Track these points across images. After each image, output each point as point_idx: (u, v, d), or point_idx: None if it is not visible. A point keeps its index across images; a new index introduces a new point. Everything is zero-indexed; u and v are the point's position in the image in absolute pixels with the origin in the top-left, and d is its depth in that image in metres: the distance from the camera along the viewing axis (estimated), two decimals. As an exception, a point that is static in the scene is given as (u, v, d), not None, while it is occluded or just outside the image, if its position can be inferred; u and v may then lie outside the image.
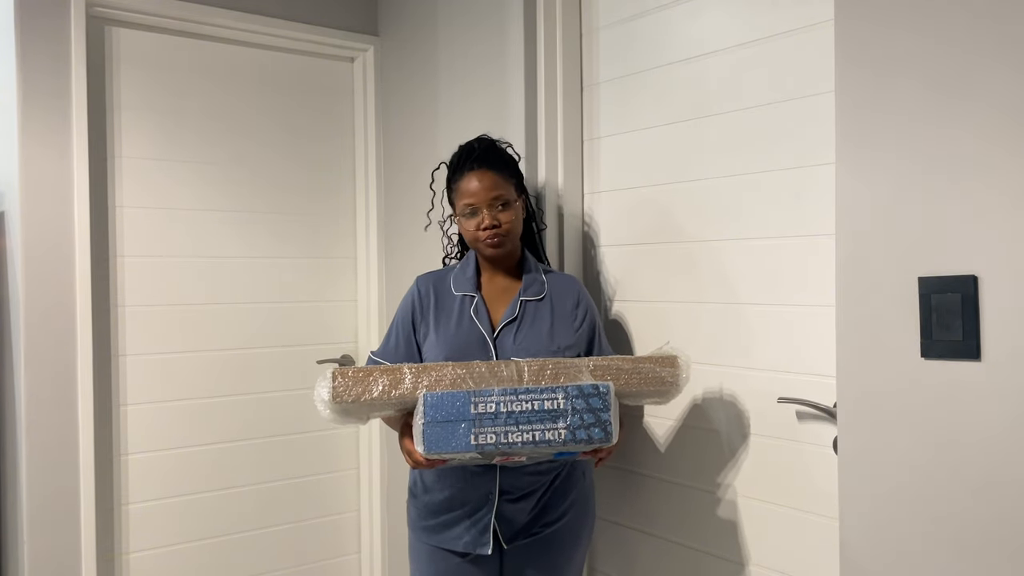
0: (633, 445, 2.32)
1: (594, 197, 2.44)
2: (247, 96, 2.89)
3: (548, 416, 1.68)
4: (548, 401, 1.69)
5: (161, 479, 2.71)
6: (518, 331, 1.97)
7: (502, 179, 2.01)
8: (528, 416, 1.68)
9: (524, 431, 1.68)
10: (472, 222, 1.99)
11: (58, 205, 2.46)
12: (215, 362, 2.81)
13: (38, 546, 2.42)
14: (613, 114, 2.38)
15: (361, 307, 3.12)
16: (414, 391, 1.72)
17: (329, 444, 3.04)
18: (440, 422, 1.68)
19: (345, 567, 3.09)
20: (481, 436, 1.67)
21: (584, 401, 1.69)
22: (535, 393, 1.69)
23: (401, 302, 2.10)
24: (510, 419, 1.68)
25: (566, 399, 1.69)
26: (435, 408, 1.68)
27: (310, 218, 3.02)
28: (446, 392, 1.70)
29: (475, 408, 1.68)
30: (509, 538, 1.97)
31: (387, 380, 1.72)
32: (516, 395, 1.69)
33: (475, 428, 1.68)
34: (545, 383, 1.72)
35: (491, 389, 1.69)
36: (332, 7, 3.00)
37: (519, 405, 1.68)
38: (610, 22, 2.38)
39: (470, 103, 2.63)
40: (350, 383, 1.73)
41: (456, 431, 1.68)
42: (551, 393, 1.69)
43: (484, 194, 1.98)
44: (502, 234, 1.98)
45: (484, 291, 2.04)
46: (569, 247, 2.43)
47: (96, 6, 2.56)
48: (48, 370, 2.44)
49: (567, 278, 2.11)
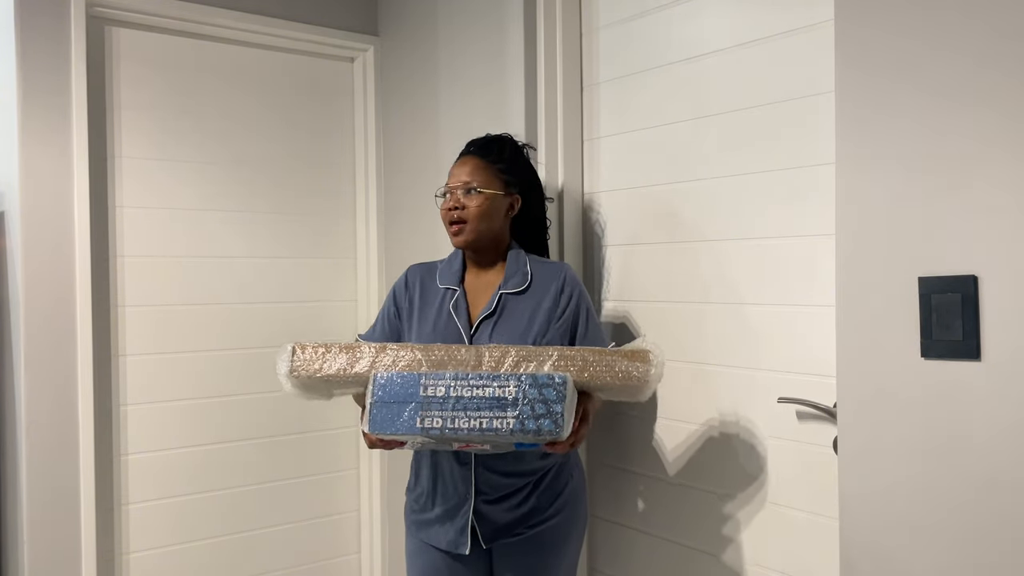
0: (633, 444, 2.32)
1: (594, 197, 2.44)
2: (247, 96, 2.89)
3: (497, 404, 1.63)
4: (500, 389, 1.63)
5: (161, 479, 2.71)
6: (496, 326, 1.94)
7: (486, 168, 2.00)
8: (477, 403, 1.63)
9: (472, 417, 1.63)
10: (443, 205, 2.01)
11: (58, 205, 2.46)
12: (215, 362, 2.81)
13: (38, 546, 2.42)
14: (613, 114, 2.38)
15: (361, 307, 3.12)
16: (371, 370, 1.70)
17: (329, 444, 3.04)
18: (387, 402, 1.65)
19: (345, 567, 3.09)
20: (427, 420, 1.63)
21: (537, 391, 1.63)
22: (487, 380, 1.64)
23: (389, 292, 2.11)
24: (458, 404, 1.63)
25: (518, 387, 1.63)
26: (383, 388, 1.66)
27: (310, 218, 3.02)
28: (397, 373, 1.67)
29: (424, 391, 1.65)
30: (489, 538, 1.94)
31: (345, 358, 1.72)
32: (467, 380, 1.64)
33: (422, 411, 1.64)
34: (505, 370, 1.67)
35: (443, 372, 1.66)
36: (332, 7, 3.00)
37: (469, 391, 1.64)
38: (610, 22, 2.38)
39: (470, 103, 2.63)
40: (308, 358, 1.73)
41: (402, 412, 1.64)
42: (503, 381, 1.64)
43: (457, 177, 2.00)
44: (465, 219, 1.96)
45: (468, 285, 2.03)
46: (569, 247, 2.43)
47: (96, 6, 2.56)
48: (48, 370, 2.44)
49: (555, 265, 2.04)
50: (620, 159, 2.36)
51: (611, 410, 2.35)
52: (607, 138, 2.40)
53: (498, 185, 2.01)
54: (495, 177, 2.01)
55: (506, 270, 2.01)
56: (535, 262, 2.04)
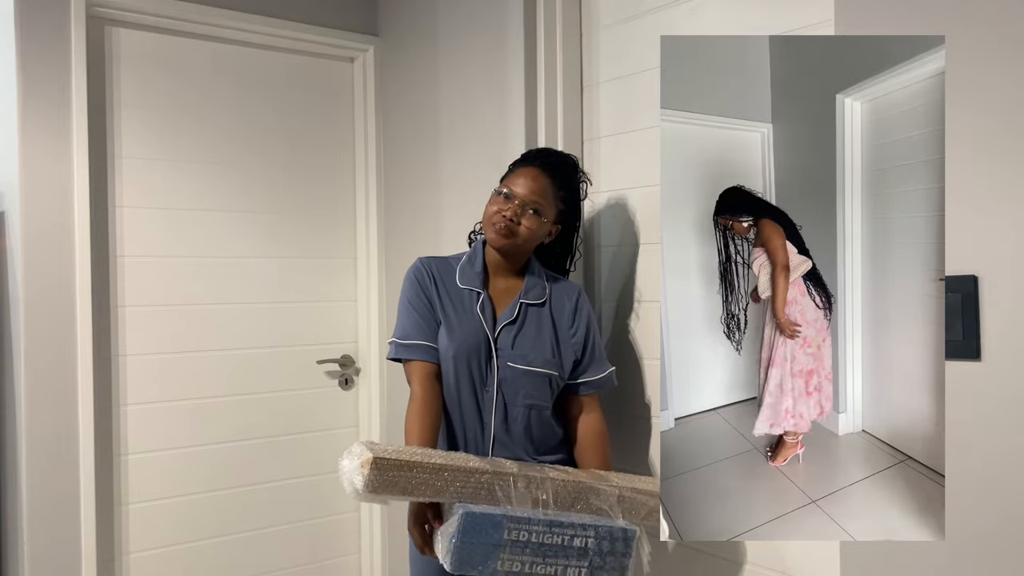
0: (637, 447, 2.32)
1: (594, 197, 2.44)
2: (247, 96, 2.89)
3: (575, 553, 1.68)
4: (579, 539, 1.68)
5: (161, 479, 2.71)
6: (518, 335, 1.96)
7: (553, 192, 1.97)
8: (556, 550, 1.67)
9: (550, 564, 1.67)
10: (498, 202, 1.95)
11: (58, 205, 2.46)
12: (215, 362, 2.81)
13: (38, 546, 2.42)
14: (613, 114, 2.38)
15: (361, 307, 3.11)
16: (456, 497, 1.65)
17: (329, 444, 3.04)
18: (472, 542, 1.63)
19: (345, 567, 3.09)
20: (508, 563, 1.65)
21: (611, 544, 1.70)
22: (568, 528, 1.68)
23: (409, 281, 2.01)
24: (539, 551, 1.66)
25: (595, 540, 1.69)
26: (472, 530, 1.62)
27: (310, 218, 3.02)
28: (485, 512, 1.63)
29: (508, 534, 1.64)
30: None
31: (425, 483, 1.60)
32: (551, 527, 1.66)
33: (503, 554, 1.64)
34: (577, 508, 1.70)
35: (528, 515, 1.65)
36: (332, 7, 3.00)
37: (551, 538, 1.66)
38: (610, 22, 2.38)
39: (470, 102, 2.63)
40: (387, 480, 1.58)
41: (487, 553, 1.64)
42: (583, 531, 1.68)
43: (527, 191, 1.94)
44: (514, 232, 1.93)
45: (490, 289, 2.01)
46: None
47: (96, 6, 2.56)
48: (48, 370, 2.44)
49: (569, 285, 2.08)
50: (620, 159, 2.36)
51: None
52: (607, 138, 2.40)
53: (553, 214, 1.99)
54: (553, 205, 1.99)
55: (526, 281, 2.02)
56: (551, 277, 2.07)
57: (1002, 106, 1.36)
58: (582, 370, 2.00)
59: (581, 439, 1.99)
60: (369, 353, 3.08)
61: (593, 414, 2.01)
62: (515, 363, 1.93)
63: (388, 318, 3.02)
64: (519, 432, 1.93)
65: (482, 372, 1.93)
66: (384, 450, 1.60)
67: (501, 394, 1.93)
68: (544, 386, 1.95)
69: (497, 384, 1.93)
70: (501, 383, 1.93)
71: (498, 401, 1.93)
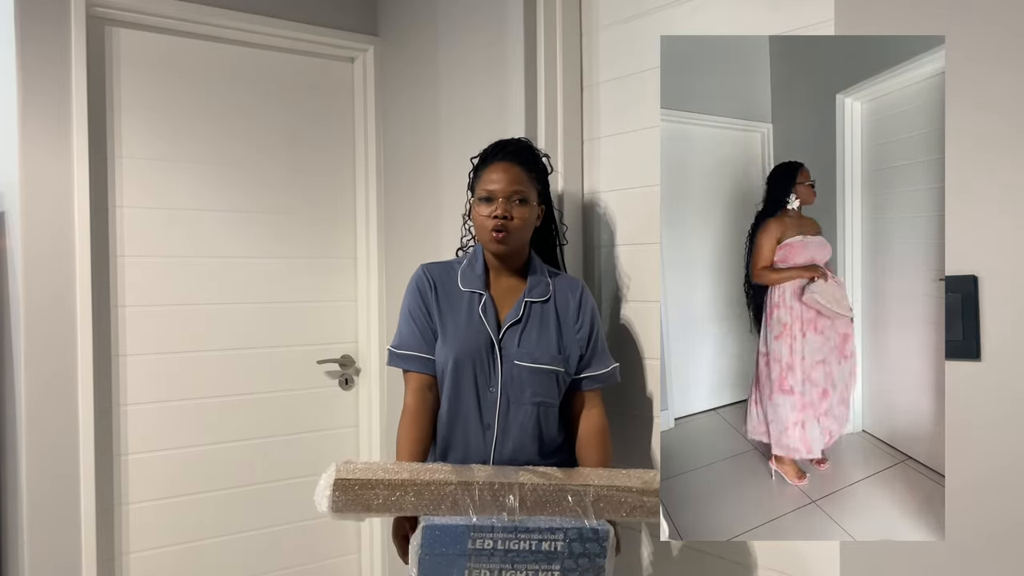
0: (638, 447, 2.32)
1: (594, 197, 2.44)
2: (247, 96, 2.89)
3: (544, 558, 1.68)
4: (547, 543, 1.67)
5: (161, 479, 2.71)
6: (523, 334, 1.96)
7: (527, 177, 1.98)
8: (524, 556, 1.67)
9: (519, 570, 1.67)
10: (486, 209, 1.95)
11: (58, 205, 2.46)
12: (215, 362, 2.81)
13: (38, 546, 2.42)
14: (613, 114, 2.38)
15: (361, 307, 3.11)
16: (415, 511, 1.70)
17: (329, 444, 3.04)
18: (438, 555, 1.67)
19: (345, 567, 3.09)
20: (476, 571, 1.67)
21: (581, 545, 1.69)
22: (535, 533, 1.67)
23: (410, 290, 2.04)
24: (506, 557, 1.67)
25: (564, 543, 1.68)
26: (433, 543, 1.66)
27: (310, 218, 3.02)
28: (446, 524, 1.67)
29: (472, 543, 1.66)
30: None
31: (385, 499, 1.69)
32: (516, 533, 1.67)
33: (470, 563, 1.67)
34: (547, 511, 1.70)
35: (491, 523, 1.67)
36: (332, 7, 3.00)
37: (518, 544, 1.67)
38: (610, 22, 2.38)
39: (470, 103, 2.63)
40: (350, 499, 1.67)
41: (452, 564, 1.67)
42: (551, 535, 1.68)
43: (505, 185, 1.95)
44: (510, 229, 1.94)
45: (492, 290, 2.02)
46: (569, 247, 2.42)
47: (96, 6, 2.56)
48: (48, 370, 2.44)
49: (572, 280, 2.08)
50: (620, 159, 2.36)
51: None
52: (607, 138, 2.40)
53: (535, 196, 2.01)
54: (533, 187, 2.00)
55: (529, 279, 2.02)
56: (553, 273, 2.07)
57: (1002, 106, 1.36)
58: (585, 365, 2.00)
59: (582, 435, 1.99)
60: (369, 353, 3.08)
61: (595, 410, 2.01)
62: (522, 361, 1.93)
63: (388, 318, 3.02)
64: (526, 431, 1.93)
65: (485, 374, 1.93)
66: (351, 470, 1.70)
67: (505, 395, 1.93)
68: (551, 383, 1.95)
69: (501, 385, 1.93)
70: (506, 384, 1.93)
71: (502, 402, 1.93)
